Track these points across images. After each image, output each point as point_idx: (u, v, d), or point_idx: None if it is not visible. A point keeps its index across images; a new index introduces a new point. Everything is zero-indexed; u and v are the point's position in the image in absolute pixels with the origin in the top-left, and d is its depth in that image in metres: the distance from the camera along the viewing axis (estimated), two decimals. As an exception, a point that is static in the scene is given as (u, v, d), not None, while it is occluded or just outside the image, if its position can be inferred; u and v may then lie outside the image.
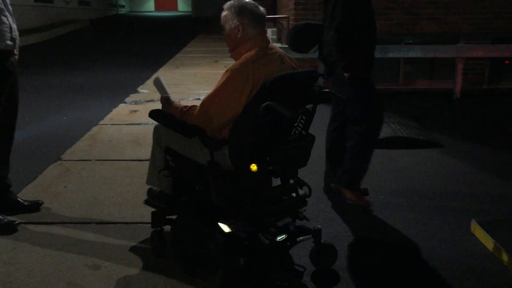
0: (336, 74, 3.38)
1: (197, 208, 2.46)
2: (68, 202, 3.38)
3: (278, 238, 2.26)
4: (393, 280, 2.56)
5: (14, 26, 2.95)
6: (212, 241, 2.29)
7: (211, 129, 2.27)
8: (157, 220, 2.64)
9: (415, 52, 7.13)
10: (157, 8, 31.42)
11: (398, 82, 7.93)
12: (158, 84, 2.64)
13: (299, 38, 2.09)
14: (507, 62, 7.91)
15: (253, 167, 2.15)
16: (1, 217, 2.98)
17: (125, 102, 6.62)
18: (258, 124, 2.10)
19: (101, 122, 5.59)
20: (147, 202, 2.75)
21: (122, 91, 7.32)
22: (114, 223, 3.08)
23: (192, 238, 2.40)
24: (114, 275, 2.49)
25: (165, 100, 2.54)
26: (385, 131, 4.87)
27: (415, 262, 2.72)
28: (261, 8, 2.39)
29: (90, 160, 4.26)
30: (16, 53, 3.04)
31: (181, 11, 30.54)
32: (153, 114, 2.44)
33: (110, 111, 6.11)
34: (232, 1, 2.38)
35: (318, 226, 2.53)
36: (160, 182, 2.62)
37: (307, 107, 2.40)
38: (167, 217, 2.64)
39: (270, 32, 10.71)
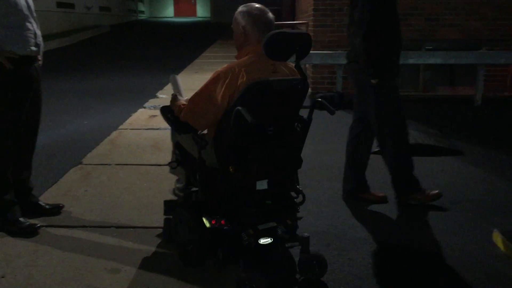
0: (359, 80, 3.37)
1: (188, 201, 2.65)
2: (88, 205, 3.42)
3: (262, 241, 2.30)
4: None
5: (39, 32, 3.01)
6: (196, 233, 2.42)
7: (199, 126, 2.38)
8: (167, 208, 2.80)
9: (436, 59, 7.07)
10: (177, 14, 31.74)
11: (418, 88, 7.86)
12: (173, 82, 2.81)
13: (276, 46, 2.14)
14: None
15: (231, 168, 2.25)
16: (23, 220, 3.03)
17: (144, 107, 6.69)
18: (234, 126, 2.15)
19: (121, 126, 5.65)
20: (174, 191, 2.95)
21: (141, 96, 7.40)
22: (134, 227, 3.10)
23: (183, 228, 2.55)
24: (133, 279, 2.51)
25: (173, 97, 2.62)
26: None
27: (435, 270, 2.68)
28: (269, 15, 2.41)
29: (110, 165, 4.30)
30: (40, 58, 3.10)
31: (200, 17, 30.77)
32: (161, 110, 2.58)
33: (130, 116, 6.18)
34: (243, 5, 2.43)
35: (306, 234, 2.48)
36: (177, 173, 2.83)
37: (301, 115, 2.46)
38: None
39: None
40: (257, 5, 2.42)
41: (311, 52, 6.21)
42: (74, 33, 15.48)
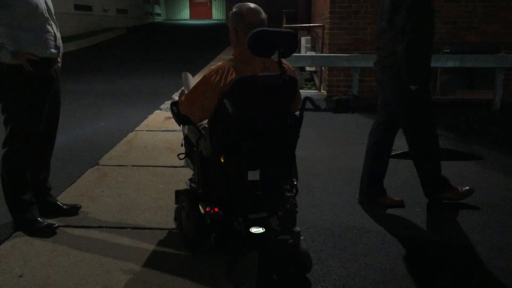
0: (393, 85, 3.36)
1: (190, 190, 2.81)
2: (105, 206, 3.45)
3: (253, 230, 2.41)
4: (431, 296, 2.49)
5: (58, 35, 3.05)
6: (193, 219, 2.60)
7: (195, 119, 2.54)
8: (176, 197, 2.95)
9: (454, 62, 6.98)
10: (192, 16, 31.89)
11: (436, 92, 7.78)
12: (184, 78, 2.96)
13: (258, 43, 2.23)
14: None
15: (222, 158, 2.39)
16: (41, 220, 3.06)
17: (160, 109, 6.73)
18: (220, 118, 2.34)
19: (137, 128, 5.69)
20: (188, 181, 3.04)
21: (157, 98, 7.44)
22: (150, 228, 3.12)
23: (184, 215, 2.75)
24: (149, 281, 2.52)
25: (181, 92, 2.78)
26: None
27: (454, 277, 2.64)
28: (259, 15, 2.46)
29: (126, 166, 4.33)
30: (59, 60, 3.14)
31: (215, 19, 30.88)
32: (171, 104, 2.71)
33: (146, 117, 6.22)
34: (236, 5, 2.52)
35: (298, 228, 2.49)
36: (188, 165, 3.00)
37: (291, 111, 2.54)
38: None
39: (304, 40, 10.72)
40: (249, 5, 2.48)
41: (327, 54, 6.22)
42: (91, 35, 15.66)
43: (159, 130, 5.59)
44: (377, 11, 3.49)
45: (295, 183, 2.63)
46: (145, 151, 4.80)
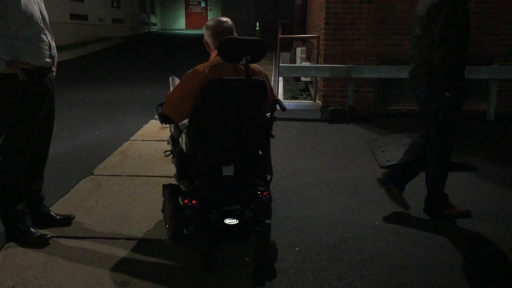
0: (422, 90, 3.45)
1: (172, 184, 3.00)
2: (99, 216, 3.42)
3: (227, 221, 2.63)
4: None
5: (53, 44, 3.04)
6: (173, 210, 2.80)
7: (175, 119, 2.77)
8: (163, 191, 3.11)
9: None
10: (188, 26, 32.01)
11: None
12: (172, 82, 3.13)
13: (226, 50, 2.55)
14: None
15: (198, 154, 2.66)
16: (34, 231, 3.03)
17: (156, 119, 6.71)
18: (194, 118, 2.58)
19: (132, 137, 5.67)
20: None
21: (152, 107, 7.37)
22: (144, 239, 3.09)
23: (168, 207, 2.94)
24: (142, 292, 2.49)
25: (167, 95, 2.91)
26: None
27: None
28: (224, 25, 2.82)
29: (121, 176, 4.31)
30: (54, 70, 3.13)
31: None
32: (157, 106, 2.94)
33: (141, 127, 6.20)
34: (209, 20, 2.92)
35: (268, 221, 2.75)
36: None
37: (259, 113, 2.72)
38: None
39: (299, 51, 10.77)
40: (215, 18, 2.87)
41: (322, 65, 6.32)
42: (86, 45, 15.66)
43: (154, 139, 5.58)
44: (413, 19, 3.59)
45: (268, 178, 2.83)
46: (140, 161, 4.78)
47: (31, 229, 3.03)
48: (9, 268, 2.71)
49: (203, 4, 32.07)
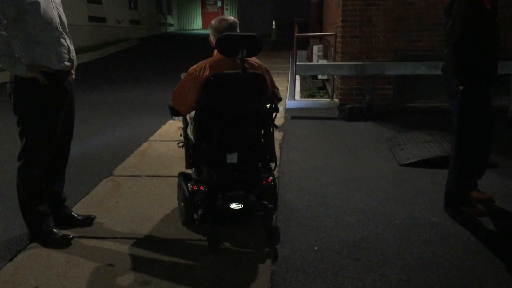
0: (451, 86, 3.47)
1: (184, 172, 3.27)
2: (119, 217, 3.47)
3: (232, 206, 2.80)
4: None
5: (72, 48, 3.09)
6: (183, 196, 3.05)
7: (182, 111, 2.99)
8: (178, 179, 3.34)
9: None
10: (204, 26, 32.11)
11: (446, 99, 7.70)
12: (183, 77, 3.21)
13: (223, 45, 2.78)
14: None
15: (202, 144, 2.89)
16: (57, 231, 3.09)
17: (173, 119, 6.74)
18: (200, 111, 2.81)
19: (151, 138, 5.72)
20: None
21: (170, 107, 7.47)
22: (163, 239, 3.12)
23: (180, 194, 3.22)
24: (163, 292, 2.52)
25: None
26: (437, 150, 4.73)
27: (471, 289, 2.60)
28: (224, 23, 2.97)
29: (140, 176, 4.36)
30: (73, 73, 3.18)
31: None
32: (170, 100, 3.09)
33: (159, 127, 6.26)
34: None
35: (271, 205, 2.89)
36: None
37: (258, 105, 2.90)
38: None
39: (316, 49, 10.72)
40: (218, 17, 3.05)
41: (339, 63, 6.36)
42: (105, 46, 15.84)
43: (172, 140, 5.62)
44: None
45: (272, 165, 3.03)
46: (159, 161, 4.82)
47: (54, 229, 3.09)
48: (32, 268, 2.76)
49: (219, 4, 32.14)
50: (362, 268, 2.78)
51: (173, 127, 6.26)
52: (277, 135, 5.77)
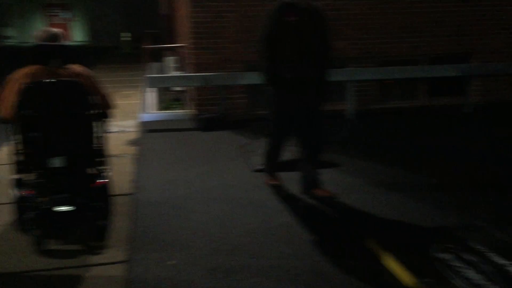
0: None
1: (16, 177, 3.20)
2: None
3: (55, 208, 2.89)
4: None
5: None
6: (14, 202, 3.06)
7: (7, 115, 3.04)
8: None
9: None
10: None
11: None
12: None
13: (33, 54, 3.11)
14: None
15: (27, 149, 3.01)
16: None
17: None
18: (20, 117, 2.96)
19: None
20: None
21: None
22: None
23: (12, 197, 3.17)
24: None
25: None
26: (285, 155, 4.98)
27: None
28: (49, 33, 3.29)
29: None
30: None
31: (76, 41, 29.44)
32: None
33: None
34: None
35: (100, 205, 3.10)
36: None
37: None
38: None
39: (170, 61, 10.68)
40: (44, 28, 3.38)
41: (191, 74, 6.46)
42: None
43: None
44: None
45: (101, 169, 3.23)
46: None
47: None
48: None
49: (63, 15, 30.24)
50: (218, 277, 2.81)
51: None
52: (132, 150, 5.61)
